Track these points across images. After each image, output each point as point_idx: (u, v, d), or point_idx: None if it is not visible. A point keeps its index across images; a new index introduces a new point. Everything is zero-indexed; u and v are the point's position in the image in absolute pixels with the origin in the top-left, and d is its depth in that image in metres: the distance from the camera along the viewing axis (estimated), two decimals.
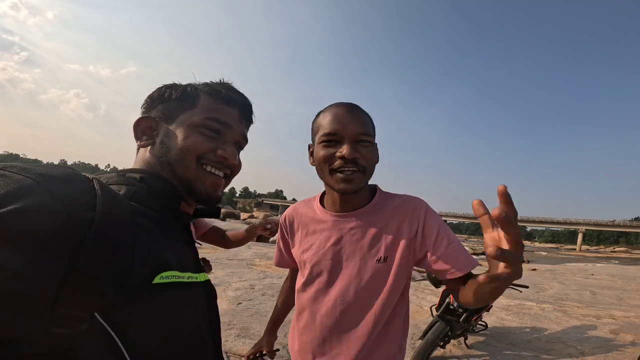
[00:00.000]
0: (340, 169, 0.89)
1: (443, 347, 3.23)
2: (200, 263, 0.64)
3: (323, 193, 1.08)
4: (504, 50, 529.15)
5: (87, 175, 0.47)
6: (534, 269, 12.39)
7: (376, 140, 0.98)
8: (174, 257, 0.52)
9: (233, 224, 21.24)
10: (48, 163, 0.49)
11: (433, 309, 3.74)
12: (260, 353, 1.32)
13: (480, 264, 1.04)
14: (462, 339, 3.46)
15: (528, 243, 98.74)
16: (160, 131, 0.65)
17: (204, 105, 0.66)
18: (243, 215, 32.01)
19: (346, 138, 0.89)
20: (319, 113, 0.97)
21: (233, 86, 0.71)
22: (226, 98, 0.68)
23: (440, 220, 0.97)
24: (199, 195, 0.65)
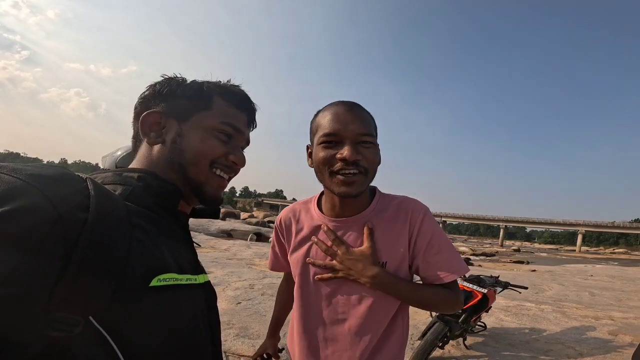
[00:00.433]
0: (340, 171, 0.85)
1: (442, 348, 3.23)
2: (200, 264, 0.64)
3: (320, 194, 1.04)
4: (505, 50, 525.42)
5: (81, 175, 0.46)
6: (534, 270, 12.41)
7: (377, 141, 0.93)
8: (172, 259, 0.51)
9: (233, 223, 21.23)
10: (48, 162, 0.48)
11: None
12: (268, 355, 1.33)
13: (469, 269, 1.06)
14: (461, 339, 3.46)
15: (528, 244, 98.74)
16: (170, 129, 0.63)
17: (218, 108, 0.65)
18: (243, 215, 32.02)
19: (347, 139, 0.85)
20: (318, 112, 0.93)
21: (243, 90, 0.70)
22: (238, 103, 0.68)
23: (436, 227, 0.96)
24: (206, 198, 0.65)
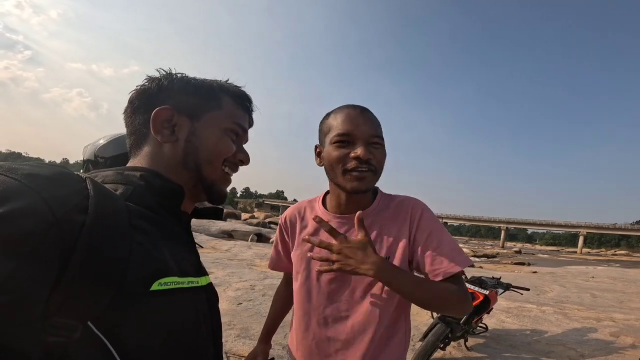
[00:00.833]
0: (354, 169, 0.90)
1: (443, 349, 3.22)
2: (202, 265, 0.63)
3: (325, 194, 1.07)
4: (507, 50, 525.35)
5: (80, 174, 0.44)
6: (535, 272, 12.38)
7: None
8: (173, 261, 0.51)
9: (234, 224, 21.24)
10: (50, 162, 0.47)
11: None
12: None
13: (471, 262, 1.05)
14: (462, 340, 3.46)
15: (529, 246, 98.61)
16: (183, 127, 0.62)
17: (228, 108, 0.66)
18: (244, 216, 31.99)
19: (359, 139, 0.90)
20: (328, 114, 0.97)
21: (246, 91, 0.71)
22: (244, 104, 0.69)
23: (435, 222, 0.96)
24: (217, 195, 0.66)
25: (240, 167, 0.71)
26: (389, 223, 0.97)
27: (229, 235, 16.85)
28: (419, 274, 0.95)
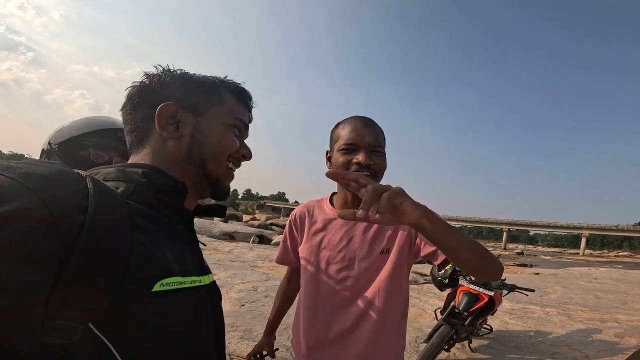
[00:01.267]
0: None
1: (447, 351, 3.21)
2: (206, 263, 0.62)
3: (332, 195, 1.19)
4: (509, 52, 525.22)
5: (81, 172, 0.44)
6: (537, 273, 12.34)
7: (385, 150, 1.09)
8: (175, 261, 0.50)
9: (235, 225, 21.25)
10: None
11: (437, 312, 3.73)
12: (261, 354, 1.37)
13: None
14: (467, 342, 3.45)
15: (531, 247, 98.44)
16: (187, 122, 0.61)
17: (230, 104, 0.66)
18: (245, 217, 31.95)
19: (362, 147, 1.01)
20: (338, 124, 1.10)
21: (245, 87, 0.71)
22: (245, 100, 0.69)
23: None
24: (221, 191, 0.66)
25: (242, 167, 0.72)
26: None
27: (231, 236, 16.84)
28: (426, 259, 1.03)
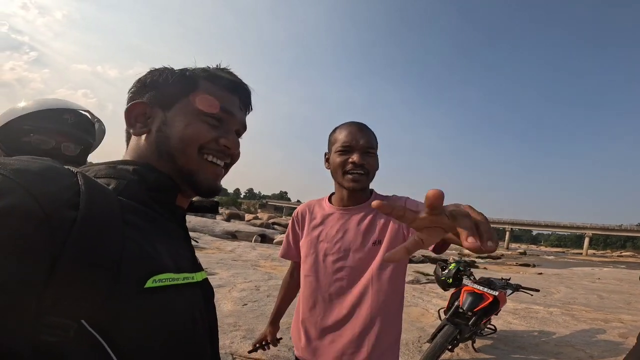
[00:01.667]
0: (350, 172, 1.14)
1: (451, 351, 3.20)
2: (198, 261, 0.62)
3: (331, 195, 1.30)
4: (510, 52, 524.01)
5: (71, 168, 0.43)
6: (540, 273, 12.30)
7: (378, 151, 1.22)
8: (168, 257, 0.49)
9: (237, 224, 21.27)
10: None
11: (441, 312, 3.72)
12: (265, 342, 1.47)
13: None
14: (470, 342, 3.43)
15: (534, 247, 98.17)
16: (156, 118, 0.61)
17: (206, 92, 0.62)
18: (247, 217, 31.87)
19: (357, 149, 1.14)
20: (335, 129, 1.23)
21: (232, 72, 0.67)
22: (227, 84, 0.65)
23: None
24: (200, 187, 0.62)
25: (243, 166, 0.68)
26: (380, 214, 1.16)
27: (233, 235, 16.87)
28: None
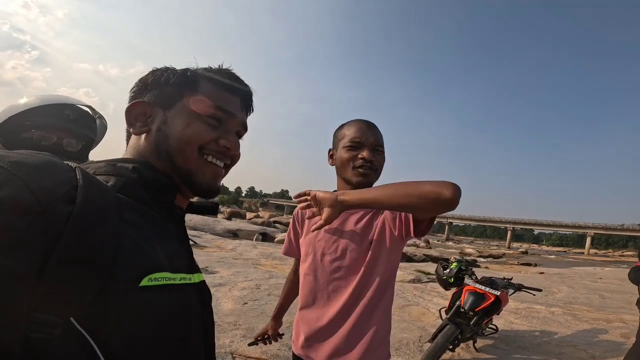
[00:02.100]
0: (360, 167, 1.16)
1: (452, 351, 3.19)
2: (195, 262, 0.61)
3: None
4: (513, 50, 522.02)
5: (70, 163, 0.43)
6: (542, 272, 12.28)
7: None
8: (165, 257, 0.49)
9: (239, 223, 21.26)
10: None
11: (442, 312, 3.71)
12: (267, 336, 1.48)
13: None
14: (471, 342, 3.42)
15: (535, 246, 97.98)
16: (156, 118, 0.61)
17: (206, 92, 0.62)
18: (249, 215, 31.90)
19: (366, 145, 1.17)
20: (342, 125, 1.24)
21: (234, 72, 0.67)
22: (228, 85, 0.65)
23: None
24: (198, 187, 0.61)
25: (245, 165, 0.68)
26: (379, 211, 1.18)
27: (234, 234, 16.87)
28: (409, 235, 1.09)
